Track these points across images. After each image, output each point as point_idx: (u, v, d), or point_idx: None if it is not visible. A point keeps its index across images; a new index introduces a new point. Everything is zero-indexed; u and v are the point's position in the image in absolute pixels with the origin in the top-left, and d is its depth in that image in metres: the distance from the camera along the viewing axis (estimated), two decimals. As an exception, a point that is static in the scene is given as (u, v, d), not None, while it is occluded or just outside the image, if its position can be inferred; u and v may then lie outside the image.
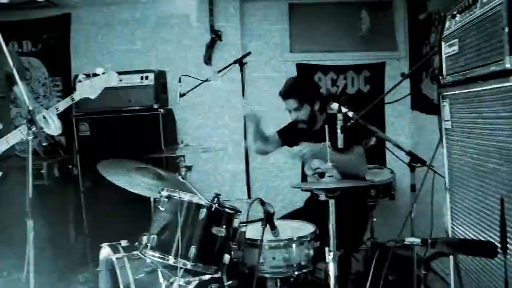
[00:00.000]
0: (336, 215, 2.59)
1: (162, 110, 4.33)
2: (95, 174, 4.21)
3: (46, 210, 3.49)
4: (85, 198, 4.44)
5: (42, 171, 4.39)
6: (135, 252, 2.89)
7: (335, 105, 3.05)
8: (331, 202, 2.60)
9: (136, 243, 3.06)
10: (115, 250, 2.98)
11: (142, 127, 4.29)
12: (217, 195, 2.58)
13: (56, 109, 3.05)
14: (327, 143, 2.53)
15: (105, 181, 3.36)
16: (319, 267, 3.05)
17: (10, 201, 3.21)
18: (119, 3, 4.79)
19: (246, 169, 4.26)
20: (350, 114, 2.86)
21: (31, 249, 2.52)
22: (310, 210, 3.54)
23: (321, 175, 3.42)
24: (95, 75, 3.11)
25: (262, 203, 2.68)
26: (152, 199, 3.33)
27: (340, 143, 2.64)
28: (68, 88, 5.03)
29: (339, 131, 2.60)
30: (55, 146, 4.92)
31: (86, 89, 3.06)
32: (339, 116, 2.62)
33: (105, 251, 3.10)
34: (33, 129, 2.65)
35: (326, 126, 2.57)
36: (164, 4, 4.94)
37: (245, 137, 4.23)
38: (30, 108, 2.66)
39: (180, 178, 2.73)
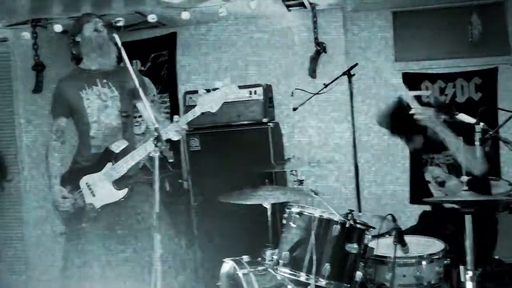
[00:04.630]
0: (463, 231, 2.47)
1: (271, 124, 4.34)
2: (206, 188, 4.38)
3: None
4: (195, 212, 4.51)
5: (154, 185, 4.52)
6: (260, 268, 2.90)
7: (462, 116, 2.92)
8: (468, 217, 2.48)
9: (259, 258, 3.08)
10: (239, 265, 3.00)
11: (251, 141, 4.31)
12: (350, 211, 2.53)
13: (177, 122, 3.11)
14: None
15: (216, 196, 3.40)
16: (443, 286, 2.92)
17: (135, 212, 3.31)
18: (221, 20, 4.87)
19: (356, 183, 4.16)
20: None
21: (159, 261, 2.58)
22: (427, 226, 3.41)
23: (441, 183, 3.31)
24: (215, 89, 3.14)
25: (394, 219, 2.61)
26: (269, 213, 3.31)
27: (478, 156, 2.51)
28: (175, 104, 5.18)
29: (477, 143, 2.47)
30: (164, 161, 5.06)
31: (207, 103, 3.08)
32: (477, 128, 2.48)
33: (227, 265, 3.12)
34: (160, 145, 2.73)
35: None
36: (267, 19, 4.97)
37: (354, 150, 4.15)
38: (156, 126, 2.73)
39: (313, 193, 2.70)
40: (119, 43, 2.85)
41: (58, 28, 4.52)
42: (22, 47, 4.80)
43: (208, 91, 3.15)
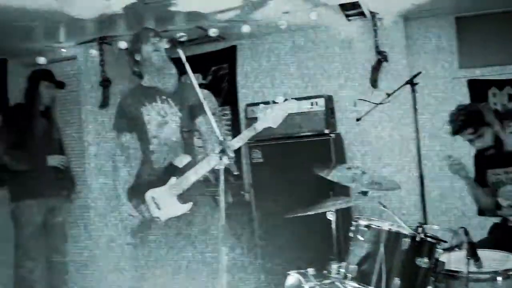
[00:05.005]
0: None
1: (332, 134, 4.31)
2: (268, 200, 4.39)
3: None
4: (258, 223, 4.52)
5: (216, 197, 4.57)
6: (326, 281, 2.87)
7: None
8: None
9: (325, 271, 3.04)
10: (305, 278, 2.98)
11: (313, 152, 4.29)
12: (420, 224, 2.47)
13: (241, 139, 3.12)
14: None
15: (279, 207, 3.39)
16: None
17: (199, 225, 3.34)
18: (280, 32, 4.88)
19: (422, 195, 4.04)
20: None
21: (224, 273, 2.59)
22: (498, 239, 3.27)
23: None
24: (275, 103, 3.11)
25: (466, 232, 2.52)
26: (333, 225, 3.27)
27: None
28: (236, 117, 5.24)
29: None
30: (228, 173, 5.10)
31: (268, 119, 3.04)
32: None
33: (292, 278, 3.11)
34: (225, 159, 2.75)
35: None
36: (327, 29, 4.95)
37: (419, 160, 4.05)
38: (221, 139, 2.76)
39: (381, 206, 2.66)
40: (183, 58, 2.90)
41: (122, 44, 4.66)
42: (89, 64, 4.97)
43: (267, 103, 3.12)
